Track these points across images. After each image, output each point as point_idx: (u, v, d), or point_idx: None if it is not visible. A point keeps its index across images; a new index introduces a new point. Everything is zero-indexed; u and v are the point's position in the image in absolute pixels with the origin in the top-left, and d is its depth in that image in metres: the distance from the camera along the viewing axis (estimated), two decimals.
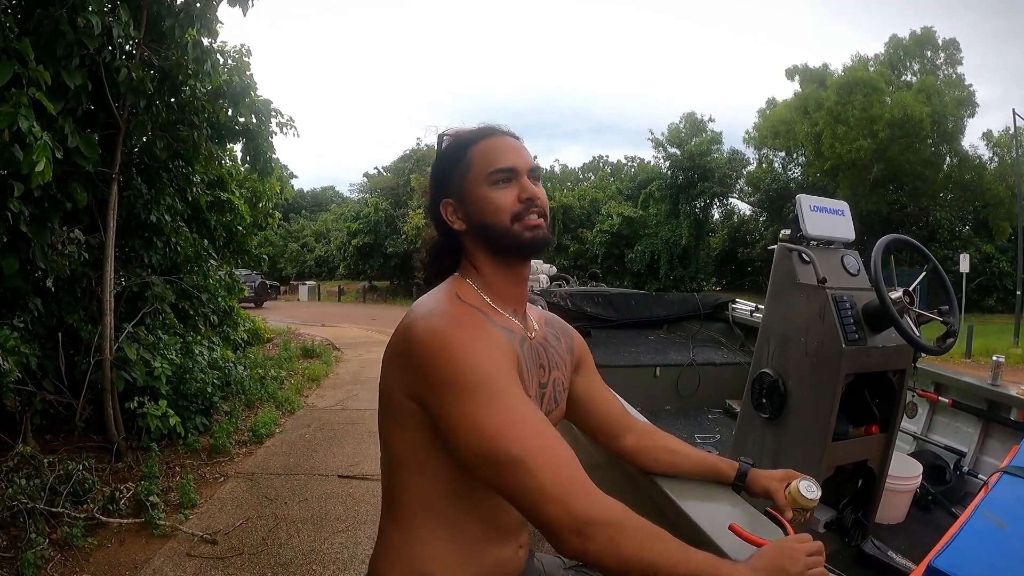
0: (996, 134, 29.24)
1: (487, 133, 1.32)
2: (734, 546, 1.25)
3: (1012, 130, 22.93)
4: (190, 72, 5.28)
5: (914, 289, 2.40)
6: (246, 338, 9.19)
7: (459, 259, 1.34)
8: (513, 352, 1.20)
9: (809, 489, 1.44)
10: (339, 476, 5.19)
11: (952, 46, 29.61)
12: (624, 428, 1.60)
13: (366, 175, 49.44)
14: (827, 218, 2.56)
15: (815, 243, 2.56)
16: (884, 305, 2.20)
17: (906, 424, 3.79)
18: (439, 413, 1.10)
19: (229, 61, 6.18)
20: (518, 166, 1.28)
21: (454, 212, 1.29)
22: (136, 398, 5.13)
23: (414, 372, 1.12)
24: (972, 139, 38.90)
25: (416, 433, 1.16)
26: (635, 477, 1.69)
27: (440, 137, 1.37)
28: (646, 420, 1.72)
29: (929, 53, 29.98)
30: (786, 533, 1.31)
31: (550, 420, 1.33)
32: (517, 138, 1.34)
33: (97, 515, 4.17)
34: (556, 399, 1.41)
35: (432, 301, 1.22)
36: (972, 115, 28.67)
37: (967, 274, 18.72)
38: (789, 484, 1.46)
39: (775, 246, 2.62)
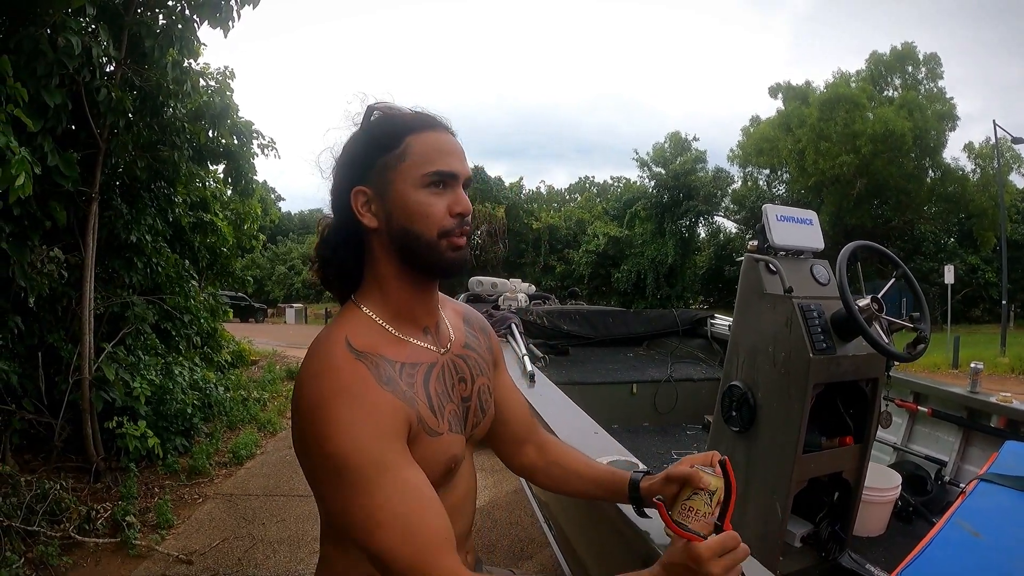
0: (978, 146, 29.59)
1: (429, 123, 1.14)
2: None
3: (993, 141, 23.15)
4: (170, 92, 5.29)
5: (884, 296, 2.40)
6: (230, 360, 9.17)
7: (362, 258, 1.18)
8: (401, 414, 1.05)
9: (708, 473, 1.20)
10: None
11: (933, 60, 29.97)
12: (526, 437, 1.46)
13: None
14: (795, 228, 2.56)
15: (783, 253, 2.57)
16: (850, 313, 2.20)
17: (886, 435, 3.79)
18: (316, 489, 1.05)
19: (212, 83, 6.21)
20: (459, 172, 1.12)
21: (366, 205, 1.11)
22: (115, 418, 5.12)
23: (298, 440, 1.05)
24: (954, 151, 39.23)
25: None
26: None
27: (370, 109, 1.17)
28: (550, 435, 1.59)
29: (910, 68, 30.31)
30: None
31: (480, 428, 1.29)
32: (455, 135, 1.17)
33: (73, 534, 4.15)
34: (483, 407, 1.29)
35: (319, 356, 1.08)
36: (954, 128, 29.02)
37: (952, 285, 18.82)
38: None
39: (742, 257, 2.63)
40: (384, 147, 1.10)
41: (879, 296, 2.36)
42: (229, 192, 7.83)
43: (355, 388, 1.02)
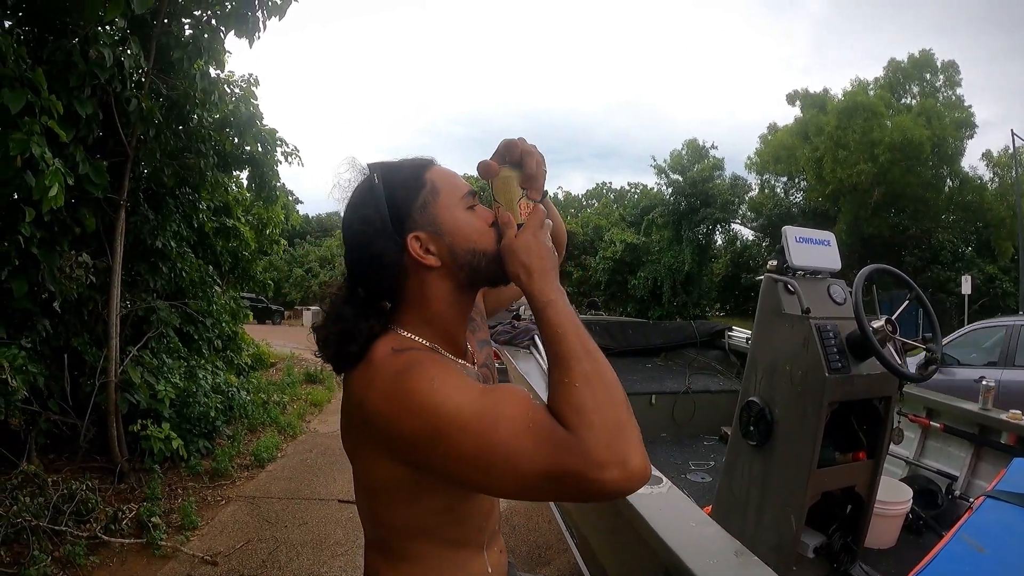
0: (996, 154, 29.40)
1: (429, 159, 1.17)
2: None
3: (1012, 150, 23.00)
4: (197, 102, 5.40)
5: (898, 317, 2.47)
6: (250, 362, 9.25)
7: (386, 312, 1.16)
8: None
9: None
10: (339, 501, 5.21)
11: (951, 68, 29.72)
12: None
13: None
14: (813, 249, 2.62)
15: (801, 273, 2.63)
16: (865, 335, 2.26)
17: (899, 449, 3.83)
18: (429, 466, 0.99)
19: (236, 91, 6.30)
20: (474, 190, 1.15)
21: (424, 246, 1.08)
22: (139, 420, 5.21)
23: (389, 442, 1.00)
24: (972, 160, 38.78)
25: (400, 466, 1.03)
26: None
27: (373, 168, 1.14)
28: None
29: (928, 76, 30.06)
30: None
31: None
32: None
33: (100, 534, 4.23)
34: None
35: (369, 370, 1.04)
36: (972, 136, 28.73)
37: (969, 295, 18.65)
38: None
39: (762, 276, 2.69)
40: (413, 189, 1.10)
41: (893, 318, 2.43)
42: (249, 195, 7.90)
43: (425, 358, 1.03)
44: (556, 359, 0.99)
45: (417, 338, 1.12)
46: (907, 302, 2.57)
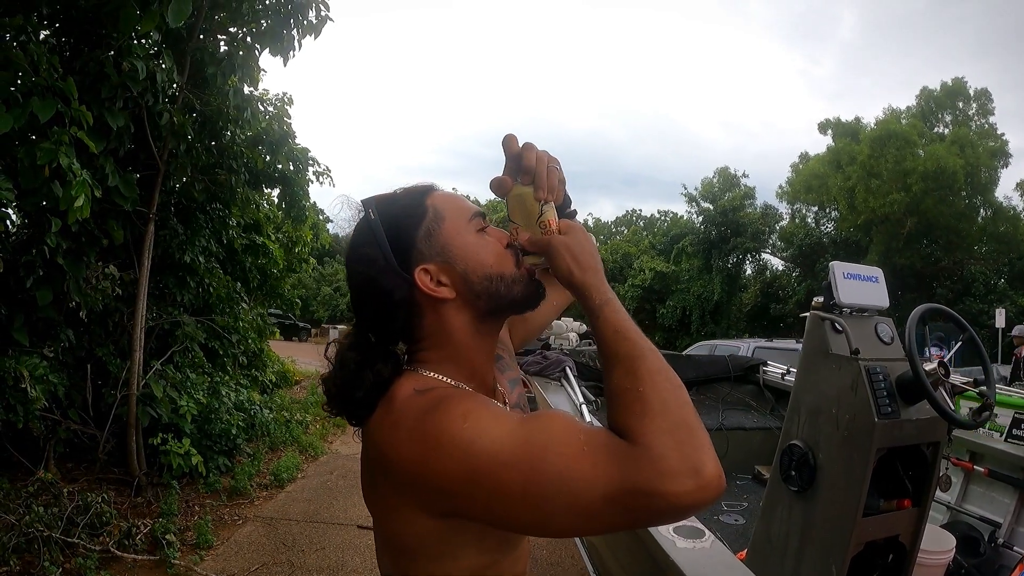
0: None
1: (429, 184, 1.09)
2: None
3: None
4: (230, 118, 5.41)
5: (949, 359, 2.35)
6: (274, 380, 9.23)
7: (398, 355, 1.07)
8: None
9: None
10: (358, 527, 5.11)
11: (984, 96, 29.43)
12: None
13: None
14: (861, 285, 2.51)
15: (848, 311, 2.51)
16: (919, 379, 2.15)
17: (940, 494, 3.69)
18: (471, 513, 0.89)
19: (270, 108, 6.32)
20: (483, 211, 1.07)
21: (435, 278, 1.00)
22: (160, 434, 5.20)
23: (421, 492, 0.90)
24: (1006, 189, 38.21)
25: (434, 520, 0.92)
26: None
27: (367, 204, 1.06)
28: None
29: (961, 104, 29.82)
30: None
31: None
32: None
33: (112, 548, 4.20)
34: None
35: (391, 415, 0.95)
36: (1006, 165, 28.42)
37: (1003, 329, 18.33)
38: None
39: (807, 313, 2.57)
40: (414, 219, 1.02)
41: (945, 360, 2.31)
42: (280, 213, 7.94)
43: (453, 393, 0.96)
44: (617, 360, 0.90)
45: (441, 377, 1.03)
46: (959, 343, 2.46)
